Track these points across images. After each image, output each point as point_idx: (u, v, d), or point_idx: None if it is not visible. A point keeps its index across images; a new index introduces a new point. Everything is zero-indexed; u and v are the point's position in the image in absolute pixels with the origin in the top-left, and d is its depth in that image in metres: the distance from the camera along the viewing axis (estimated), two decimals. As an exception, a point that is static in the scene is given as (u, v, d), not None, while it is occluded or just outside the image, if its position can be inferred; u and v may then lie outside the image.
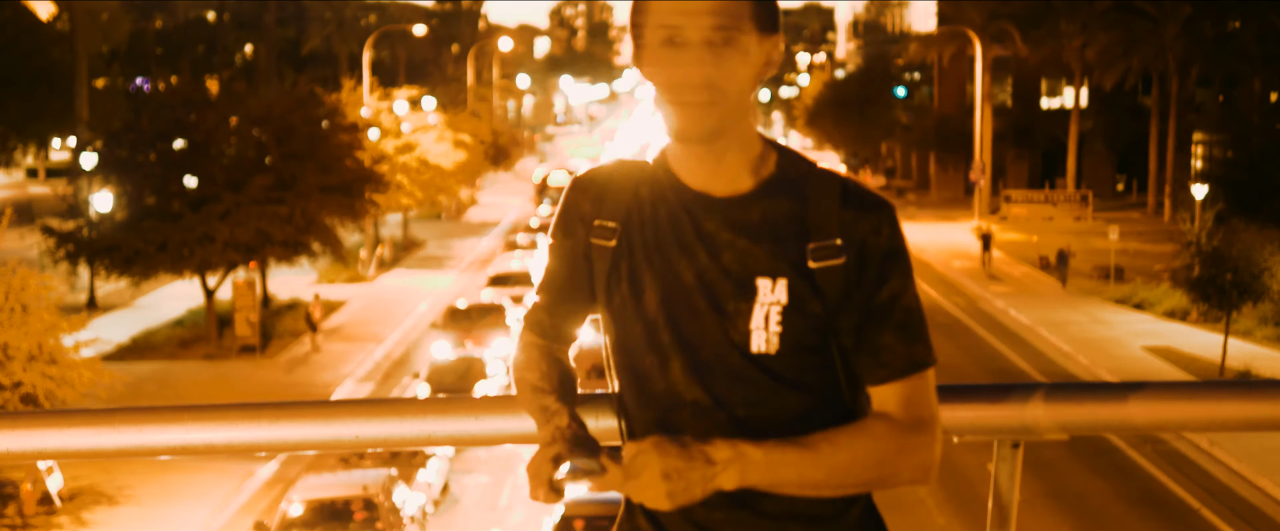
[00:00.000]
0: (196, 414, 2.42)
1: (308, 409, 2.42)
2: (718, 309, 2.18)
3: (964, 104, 73.75)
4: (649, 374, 2.22)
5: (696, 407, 2.19)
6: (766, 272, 2.17)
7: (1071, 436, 2.42)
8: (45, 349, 20.97)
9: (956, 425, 2.42)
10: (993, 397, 2.41)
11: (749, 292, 2.17)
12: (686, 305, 2.19)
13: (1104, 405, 2.41)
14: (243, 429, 2.39)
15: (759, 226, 2.19)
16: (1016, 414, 2.40)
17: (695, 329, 2.19)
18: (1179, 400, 2.45)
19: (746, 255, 2.18)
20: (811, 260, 2.16)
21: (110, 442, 2.40)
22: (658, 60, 2.16)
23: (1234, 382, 2.53)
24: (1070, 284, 44.02)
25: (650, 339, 2.21)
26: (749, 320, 2.16)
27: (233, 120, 34.83)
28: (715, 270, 2.18)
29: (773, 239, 2.18)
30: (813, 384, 2.20)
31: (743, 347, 2.17)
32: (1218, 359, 30.68)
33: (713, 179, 2.21)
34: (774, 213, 2.19)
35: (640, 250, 2.23)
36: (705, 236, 2.19)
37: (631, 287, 2.22)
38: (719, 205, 2.20)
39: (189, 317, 37.46)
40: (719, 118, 2.16)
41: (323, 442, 2.42)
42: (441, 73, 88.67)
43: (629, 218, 2.24)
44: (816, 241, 2.17)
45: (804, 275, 2.17)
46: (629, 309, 2.23)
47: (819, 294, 2.17)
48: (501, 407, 2.42)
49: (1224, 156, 50.02)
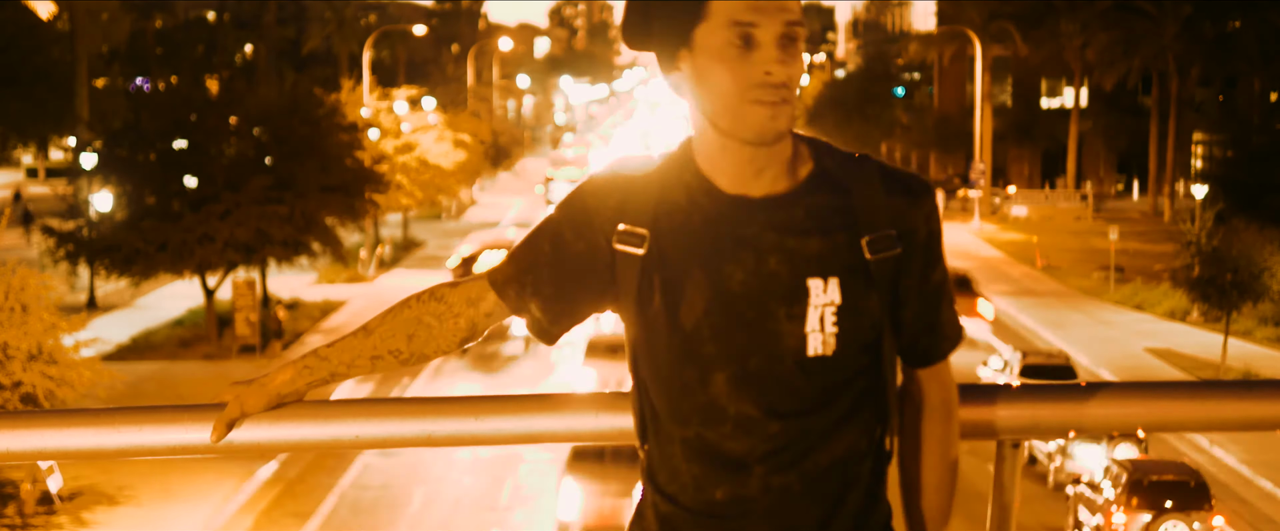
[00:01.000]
0: (196, 414, 2.41)
1: (308, 409, 2.42)
2: (768, 315, 2.11)
3: (964, 104, 73.75)
4: (688, 387, 2.14)
5: (741, 420, 2.12)
6: (817, 273, 2.11)
7: (1071, 436, 2.42)
8: (45, 349, 20.96)
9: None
10: (993, 397, 2.41)
11: (801, 295, 2.11)
12: (732, 314, 2.11)
13: (1104, 405, 2.41)
14: (243, 429, 2.39)
15: (804, 225, 2.12)
16: (1016, 414, 2.40)
17: (743, 338, 2.11)
18: (1179, 400, 2.44)
19: (794, 256, 2.11)
20: (869, 251, 2.12)
21: (110, 442, 2.40)
22: (727, 59, 2.08)
23: (1234, 382, 2.53)
24: (1071, 283, 44.01)
25: (690, 351, 2.13)
26: (804, 324, 2.10)
27: (233, 120, 34.82)
28: (762, 275, 2.11)
29: (821, 237, 2.12)
30: (861, 382, 2.17)
31: (799, 352, 2.11)
32: (1218, 359, 30.68)
33: (753, 181, 2.14)
34: (818, 209, 2.14)
35: (676, 259, 2.14)
36: (747, 241, 2.12)
37: (667, 298, 2.13)
38: (759, 207, 2.13)
39: (189, 317, 37.45)
40: (789, 117, 2.12)
41: (323, 442, 2.42)
42: (441, 73, 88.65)
43: (657, 223, 2.15)
44: (870, 233, 2.13)
45: (856, 270, 2.12)
46: (664, 320, 2.14)
47: (874, 287, 2.13)
48: (502, 407, 2.42)
49: (1224, 156, 50.03)
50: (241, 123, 34.90)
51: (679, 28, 2.12)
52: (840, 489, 2.16)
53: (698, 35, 2.10)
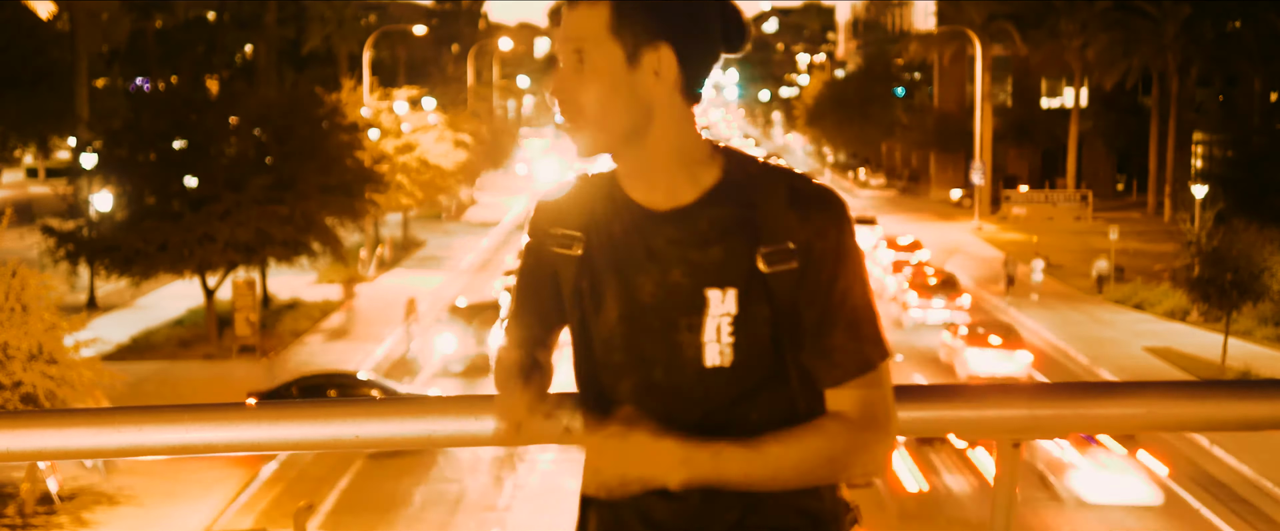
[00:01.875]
0: (196, 414, 2.41)
1: (308, 409, 2.42)
2: (671, 325, 2.14)
3: (964, 103, 73.75)
4: (600, 394, 2.21)
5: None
6: (715, 283, 2.13)
7: (1071, 436, 2.42)
8: (45, 349, 20.96)
9: (956, 425, 2.42)
10: (993, 397, 2.41)
11: (699, 305, 2.13)
12: (641, 323, 2.16)
13: (1104, 405, 2.41)
14: (243, 429, 2.39)
15: (706, 236, 2.14)
16: (1016, 414, 2.40)
17: (649, 347, 2.15)
18: (1179, 400, 2.44)
19: (697, 268, 2.13)
20: (764, 264, 2.12)
21: (110, 442, 2.40)
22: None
23: (1234, 382, 2.53)
24: (1071, 282, 43.99)
25: (605, 358, 2.19)
26: (701, 333, 2.13)
27: (233, 120, 34.84)
28: (666, 286, 2.14)
29: (721, 248, 2.13)
30: (767, 394, 2.16)
31: (697, 363, 2.13)
32: (1218, 359, 30.69)
33: (652, 193, 2.17)
34: (721, 221, 2.14)
35: (598, 267, 2.19)
36: (654, 252, 2.15)
37: (591, 304, 2.20)
38: (664, 219, 2.16)
39: (189, 317, 37.46)
40: (591, 137, 2.14)
41: (323, 442, 2.42)
42: (441, 73, 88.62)
43: (589, 231, 2.21)
44: (768, 245, 2.12)
45: (755, 282, 2.12)
46: (585, 327, 2.21)
47: (770, 300, 2.13)
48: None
49: (1224, 156, 50.02)
50: (241, 123, 34.92)
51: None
52: (745, 501, 2.16)
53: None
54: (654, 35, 2.11)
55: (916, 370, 31.51)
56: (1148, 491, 21.77)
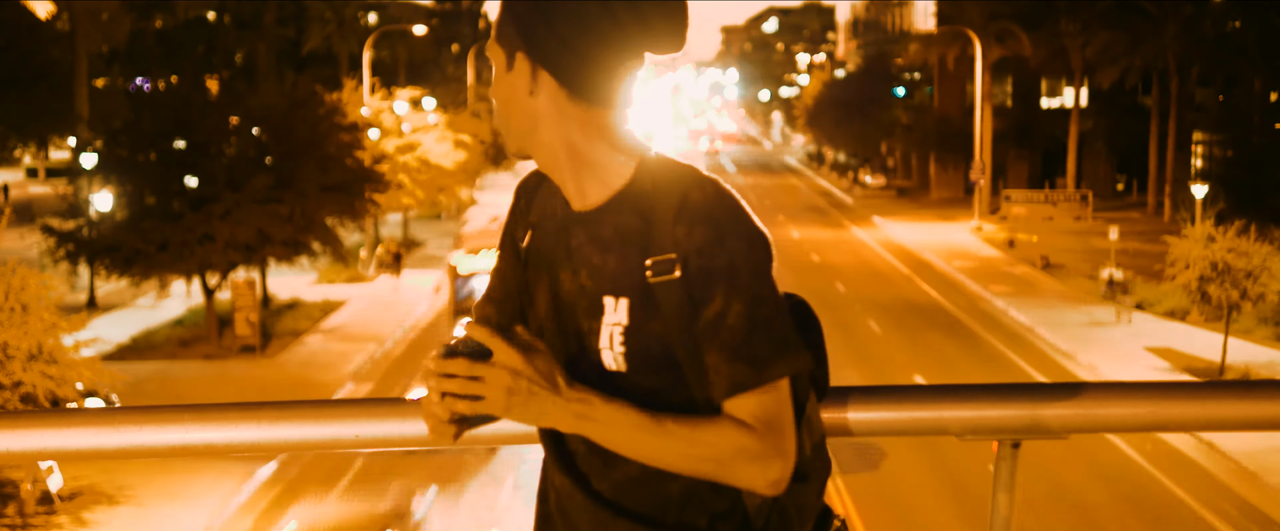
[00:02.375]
0: (196, 414, 2.42)
1: (308, 409, 2.42)
2: (577, 325, 2.17)
3: (964, 104, 73.75)
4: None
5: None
6: (610, 291, 2.13)
7: (1071, 436, 2.42)
8: (45, 348, 20.97)
9: (957, 425, 2.42)
10: (993, 397, 2.41)
11: (598, 311, 2.14)
12: (561, 320, 2.20)
13: (1104, 405, 2.41)
14: (243, 429, 2.39)
15: (609, 242, 2.15)
16: (1016, 414, 2.40)
17: (563, 345, 2.19)
18: (1179, 400, 2.44)
19: (598, 272, 2.15)
20: (650, 274, 2.10)
21: (110, 442, 2.40)
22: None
23: (1234, 382, 2.53)
24: (1071, 283, 43.99)
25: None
26: (598, 339, 2.14)
27: (233, 120, 34.85)
28: (577, 287, 2.17)
29: (619, 256, 2.13)
30: (669, 400, 2.14)
31: (598, 366, 2.15)
32: (1218, 359, 30.69)
33: (576, 194, 2.19)
34: (622, 228, 2.14)
35: (536, 260, 2.25)
36: (573, 251, 2.18)
37: (527, 298, 2.27)
38: (579, 220, 2.18)
39: (189, 317, 37.47)
40: (508, 134, 2.22)
41: (323, 442, 2.42)
42: (441, 73, 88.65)
43: (536, 224, 2.28)
44: (654, 256, 2.10)
45: (644, 293, 2.11)
46: (525, 315, 2.27)
47: (659, 313, 2.11)
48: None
49: (1224, 156, 50.03)
50: (241, 123, 34.93)
51: None
52: (653, 500, 2.16)
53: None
54: (515, 44, 2.15)
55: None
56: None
